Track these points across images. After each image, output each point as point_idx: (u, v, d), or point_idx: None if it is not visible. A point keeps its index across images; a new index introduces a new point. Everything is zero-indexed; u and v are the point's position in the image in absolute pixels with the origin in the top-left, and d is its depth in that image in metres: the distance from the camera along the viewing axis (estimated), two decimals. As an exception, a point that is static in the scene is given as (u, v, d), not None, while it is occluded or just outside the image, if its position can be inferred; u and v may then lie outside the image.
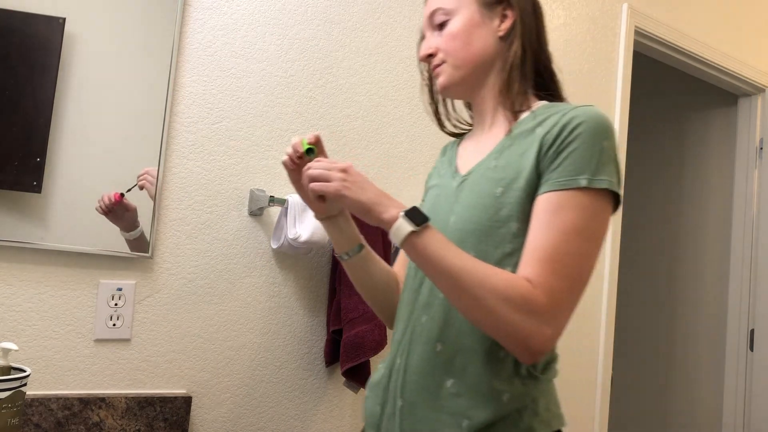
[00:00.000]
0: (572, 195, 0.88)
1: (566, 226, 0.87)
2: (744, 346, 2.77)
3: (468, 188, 0.99)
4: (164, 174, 1.38)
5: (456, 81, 1.04)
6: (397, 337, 1.03)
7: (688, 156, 3.15)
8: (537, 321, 0.84)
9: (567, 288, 0.86)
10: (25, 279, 1.23)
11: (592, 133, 0.90)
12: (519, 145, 0.97)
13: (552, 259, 0.86)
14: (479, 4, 1.03)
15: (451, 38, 1.03)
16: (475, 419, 0.90)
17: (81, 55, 1.27)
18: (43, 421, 1.22)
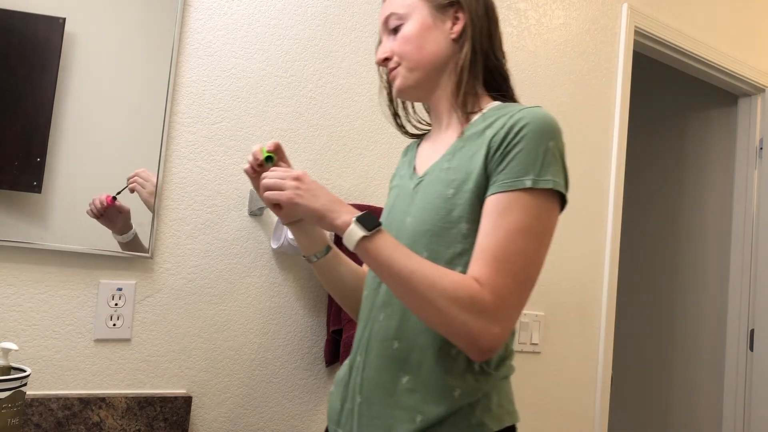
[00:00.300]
0: (518, 196, 0.91)
1: (512, 227, 0.90)
2: (744, 346, 2.77)
3: (423, 189, 1.02)
4: (164, 174, 1.38)
5: (411, 84, 1.06)
6: (358, 336, 1.06)
7: (688, 156, 3.15)
8: (485, 320, 0.87)
9: (513, 286, 0.89)
10: (25, 279, 1.23)
11: (537, 135, 0.93)
12: (470, 147, 0.99)
13: (498, 259, 0.89)
14: (431, 7, 1.05)
15: (405, 42, 1.05)
16: (428, 414, 0.93)
17: (81, 55, 1.27)
18: (43, 421, 1.22)
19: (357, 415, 0.99)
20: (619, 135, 2.26)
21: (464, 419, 0.94)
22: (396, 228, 1.04)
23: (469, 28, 1.04)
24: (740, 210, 2.86)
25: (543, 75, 2.06)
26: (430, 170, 1.04)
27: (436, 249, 0.96)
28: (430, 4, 1.05)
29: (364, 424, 0.98)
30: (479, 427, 0.94)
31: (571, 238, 2.11)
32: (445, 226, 0.96)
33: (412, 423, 0.93)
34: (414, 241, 0.99)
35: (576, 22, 2.16)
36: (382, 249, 0.89)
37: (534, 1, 2.04)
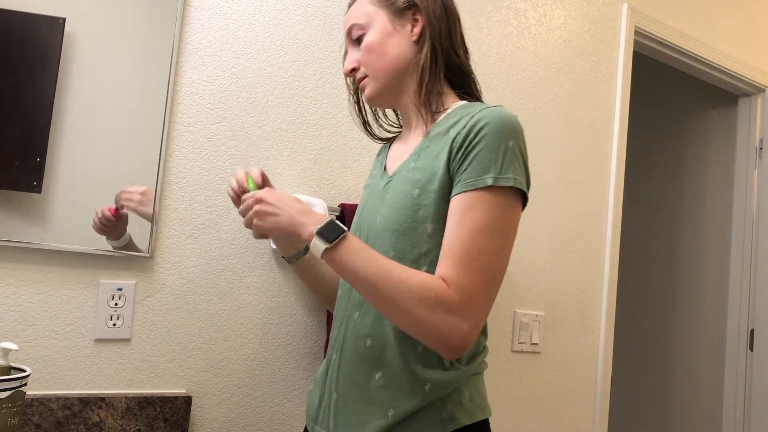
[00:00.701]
0: (480, 194, 0.93)
1: (475, 225, 0.92)
2: (744, 346, 2.77)
3: (392, 189, 1.05)
4: (164, 174, 1.38)
5: (379, 91, 1.09)
6: (334, 334, 1.09)
7: (688, 156, 3.15)
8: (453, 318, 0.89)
9: (479, 284, 0.91)
10: (25, 279, 1.23)
11: (497, 134, 0.95)
12: (434, 147, 1.01)
13: (463, 257, 0.91)
14: (389, 13, 1.08)
15: (368, 51, 1.08)
16: (400, 409, 0.96)
17: (81, 55, 1.27)
18: (43, 421, 1.22)
19: (333, 411, 1.03)
20: (619, 135, 2.26)
21: (436, 413, 0.96)
22: (367, 227, 1.07)
23: (427, 29, 1.07)
24: (740, 210, 2.86)
25: (543, 75, 2.06)
26: (398, 170, 1.07)
27: (402, 248, 0.98)
28: (388, 11, 1.08)
29: (339, 420, 1.01)
30: (450, 421, 0.97)
31: (571, 238, 2.12)
32: (411, 225, 0.98)
33: (385, 418, 0.96)
34: (382, 239, 1.01)
35: (576, 22, 2.16)
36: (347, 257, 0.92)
37: (534, 1, 2.04)
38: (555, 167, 2.08)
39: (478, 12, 1.90)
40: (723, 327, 2.86)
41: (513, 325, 1.97)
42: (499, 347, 1.94)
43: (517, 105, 1.99)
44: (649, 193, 3.28)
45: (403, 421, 0.96)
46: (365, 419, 0.98)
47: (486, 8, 1.92)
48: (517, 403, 1.97)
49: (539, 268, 2.03)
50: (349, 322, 1.05)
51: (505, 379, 1.94)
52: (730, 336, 2.82)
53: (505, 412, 1.94)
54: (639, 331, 3.22)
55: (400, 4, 1.08)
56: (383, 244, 1.01)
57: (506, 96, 1.96)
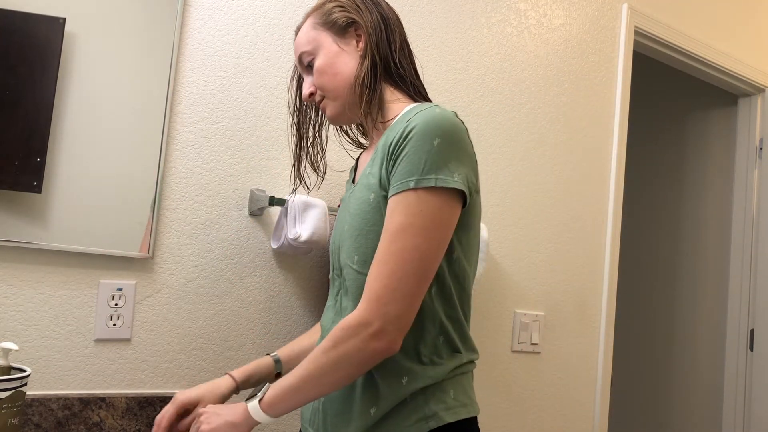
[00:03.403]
0: (401, 198, 0.95)
1: (392, 228, 0.94)
2: (744, 346, 2.77)
3: (354, 197, 1.08)
4: (164, 174, 1.38)
5: (339, 110, 1.13)
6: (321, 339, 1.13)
7: (688, 156, 3.15)
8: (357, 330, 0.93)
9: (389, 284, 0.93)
10: (26, 279, 1.23)
11: (422, 136, 0.96)
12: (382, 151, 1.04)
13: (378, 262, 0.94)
14: (332, 34, 1.12)
15: (320, 75, 1.12)
16: (381, 406, 0.99)
17: (81, 55, 1.27)
18: (44, 421, 1.22)
19: (322, 412, 1.06)
20: (619, 135, 2.26)
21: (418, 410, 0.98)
22: (339, 237, 1.10)
23: (369, 42, 1.10)
24: (740, 210, 2.86)
25: (543, 75, 2.06)
26: (360, 178, 1.09)
27: (365, 251, 1.01)
28: (331, 32, 1.12)
29: (328, 421, 1.05)
30: (433, 418, 0.98)
31: (571, 239, 2.12)
32: (370, 228, 1.01)
33: (368, 415, 0.99)
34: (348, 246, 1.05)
35: (576, 22, 2.16)
36: (280, 406, 0.97)
37: (534, 1, 2.04)
38: (555, 167, 2.08)
39: (478, 12, 1.90)
40: (723, 327, 2.87)
41: (513, 325, 1.97)
42: (499, 347, 1.94)
43: (517, 105, 1.99)
44: (649, 193, 3.28)
45: (384, 417, 0.98)
46: (350, 418, 1.01)
47: (486, 8, 1.92)
48: (517, 403, 1.97)
49: (539, 268, 2.03)
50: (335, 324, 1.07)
51: (505, 379, 1.94)
52: (730, 336, 2.82)
53: (505, 412, 1.94)
54: (639, 331, 3.22)
55: (341, 23, 1.11)
56: (348, 249, 1.05)
57: (506, 96, 1.96)
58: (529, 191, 2.01)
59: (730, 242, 2.89)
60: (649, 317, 3.19)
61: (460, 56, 1.86)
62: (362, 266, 1.02)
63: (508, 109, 1.96)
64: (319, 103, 1.15)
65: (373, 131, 1.14)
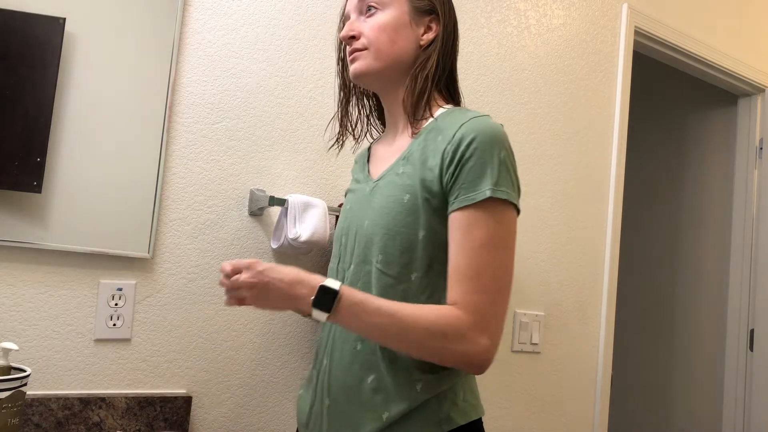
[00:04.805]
0: (477, 211, 0.94)
1: (476, 242, 0.93)
2: (744, 346, 2.77)
3: (379, 193, 1.04)
4: (164, 174, 1.38)
5: (372, 71, 1.06)
6: (324, 339, 1.08)
7: (688, 156, 3.15)
8: (469, 342, 0.91)
9: (488, 299, 0.92)
10: (25, 279, 1.23)
11: (488, 147, 0.95)
12: (423, 152, 1.01)
13: (469, 277, 0.93)
14: (411, 7, 1.07)
15: (380, 29, 1.05)
16: (394, 410, 0.96)
17: (81, 55, 1.27)
18: (43, 421, 1.22)
19: (326, 416, 1.02)
20: (619, 135, 2.26)
21: (431, 414, 0.97)
22: (355, 232, 1.06)
23: (439, 41, 1.07)
24: (740, 210, 2.86)
25: (543, 75, 2.06)
26: (385, 173, 1.06)
27: (391, 252, 0.99)
28: (410, 4, 1.06)
29: (333, 425, 1.01)
30: (446, 422, 0.97)
31: (571, 239, 2.11)
32: (400, 230, 0.98)
33: (380, 421, 0.96)
34: (371, 243, 1.01)
35: (576, 22, 2.16)
36: (350, 318, 0.92)
37: (534, 1, 2.04)
38: (554, 167, 2.08)
39: (478, 12, 1.90)
40: (723, 327, 2.86)
41: (513, 325, 1.97)
42: (499, 347, 1.94)
43: (517, 105, 1.99)
44: (649, 193, 3.28)
45: (397, 422, 0.96)
46: (359, 423, 0.98)
47: (486, 8, 1.92)
48: (517, 403, 1.97)
49: (539, 268, 2.03)
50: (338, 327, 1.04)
51: (505, 379, 1.94)
52: (730, 336, 2.82)
53: (505, 412, 1.94)
54: (639, 331, 3.22)
55: (423, 5, 1.07)
56: (369, 247, 1.01)
57: (506, 96, 1.96)
58: (529, 191, 2.01)
59: (730, 242, 2.89)
60: (649, 317, 3.19)
61: (460, 56, 1.86)
62: (386, 266, 0.99)
63: (508, 109, 1.96)
64: (355, 51, 1.06)
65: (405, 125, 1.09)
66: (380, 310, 0.92)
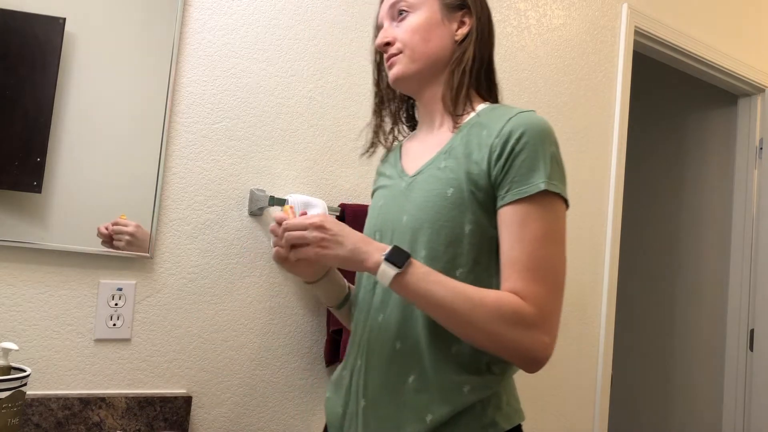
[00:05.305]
0: (533, 203, 0.93)
1: (535, 235, 0.92)
2: (744, 346, 2.77)
3: (418, 188, 1.02)
4: (164, 174, 1.38)
5: (410, 74, 1.06)
6: (356, 338, 1.05)
7: (688, 156, 3.15)
8: (534, 333, 0.89)
9: (550, 293, 0.91)
10: (25, 279, 1.23)
11: (539, 141, 0.94)
12: (466, 146, 1.00)
13: (531, 269, 0.91)
14: (441, 5, 1.06)
15: (412, 31, 1.05)
16: (438, 413, 0.93)
17: (81, 55, 1.27)
18: (43, 421, 1.22)
19: (362, 418, 0.98)
20: (619, 135, 2.26)
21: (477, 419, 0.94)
22: (391, 228, 1.04)
23: (473, 34, 1.06)
24: (740, 210, 2.86)
25: (543, 75, 2.06)
26: (424, 168, 1.04)
27: (435, 248, 0.96)
28: (441, 2, 1.06)
29: (371, 426, 0.97)
30: (492, 427, 0.94)
31: (571, 239, 2.11)
32: (444, 224, 0.96)
33: (422, 423, 0.93)
34: (414, 239, 0.98)
35: (576, 22, 2.16)
36: (417, 282, 0.90)
37: (534, 1, 2.04)
38: (555, 167, 2.08)
39: (478, 12, 1.90)
40: (723, 327, 2.86)
41: (513, 325, 1.97)
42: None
43: (517, 105, 1.99)
44: (649, 193, 3.28)
45: (442, 426, 0.93)
46: (400, 425, 0.94)
47: (486, 8, 1.92)
48: (517, 403, 1.97)
49: (539, 268, 2.03)
50: (373, 325, 1.01)
51: (505, 379, 1.94)
52: (730, 336, 2.82)
53: (505, 412, 1.94)
54: (639, 331, 3.22)
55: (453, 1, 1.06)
56: (411, 242, 0.99)
57: (506, 96, 1.96)
58: (529, 191, 2.01)
59: (730, 242, 2.89)
60: (649, 317, 3.19)
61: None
62: (431, 262, 0.96)
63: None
64: (392, 56, 1.07)
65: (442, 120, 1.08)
66: (447, 282, 0.90)
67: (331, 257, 0.93)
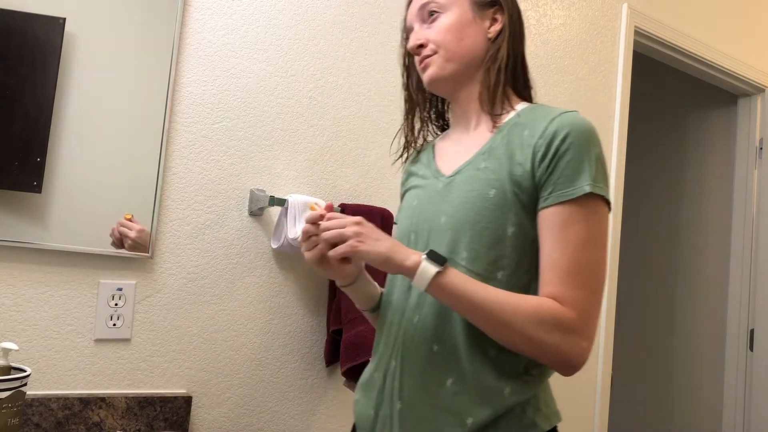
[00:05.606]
0: (577, 206, 0.91)
1: (577, 238, 0.91)
2: (744, 346, 2.77)
3: (457, 189, 1.00)
4: (164, 174, 1.38)
5: (446, 74, 1.04)
6: (389, 340, 1.03)
7: (688, 156, 3.15)
8: (572, 337, 0.89)
9: (590, 297, 0.90)
10: (25, 279, 1.23)
11: (585, 142, 0.94)
12: (508, 147, 0.98)
13: (572, 273, 0.90)
14: (471, 3, 1.05)
15: (445, 31, 1.04)
16: (479, 416, 0.92)
17: (81, 55, 1.27)
18: (44, 421, 1.22)
19: (398, 420, 0.97)
20: (619, 135, 2.26)
21: (517, 420, 0.93)
22: (428, 228, 1.02)
23: (506, 30, 1.05)
24: (740, 210, 2.86)
25: (543, 75, 2.06)
26: (462, 169, 1.02)
27: (477, 249, 0.95)
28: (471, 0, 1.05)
29: (407, 429, 0.96)
30: (532, 428, 0.94)
31: (571, 238, 2.11)
32: (486, 226, 0.95)
33: (462, 426, 0.92)
34: (453, 241, 0.97)
35: (576, 23, 2.16)
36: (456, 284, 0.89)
37: (534, 1, 2.04)
38: (555, 167, 2.08)
39: (478, 12, 1.90)
40: (723, 327, 2.86)
41: (513, 325, 1.96)
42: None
43: (517, 105, 1.99)
44: (649, 192, 3.28)
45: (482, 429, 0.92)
46: (438, 428, 0.93)
47: (486, 8, 1.92)
48: (517, 403, 1.97)
49: (539, 268, 2.03)
50: (408, 326, 1.00)
51: (505, 379, 1.94)
52: (730, 336, 2.82)
53: (505, 412, 1.94)
54: (639, 331, 3.22)
55: None
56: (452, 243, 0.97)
57: (506, 96, 1.96)
58: (529, 191, 2.01)
59: (730, 242, 2.89)
60: (649, 317, 3.19)
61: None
62: (472, 263, 0.94)
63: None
64: (425, 58, 1.05)
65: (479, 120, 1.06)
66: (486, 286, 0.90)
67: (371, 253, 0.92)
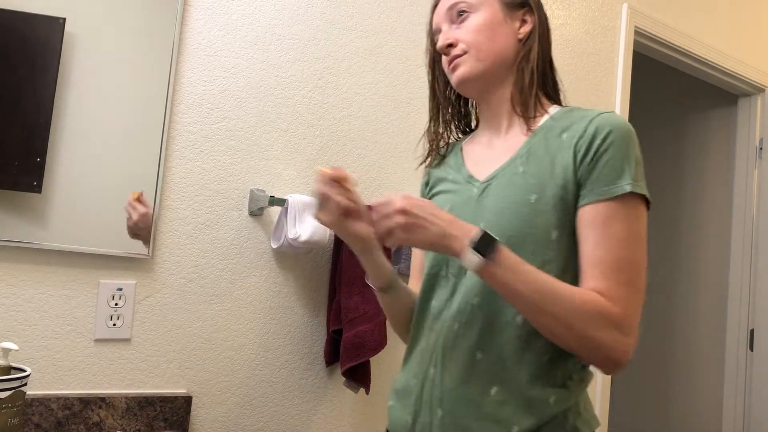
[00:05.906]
0: (618, 204, 0.91)
1: (620, 235, 0.90)
2: (744, 346, 2.77)
3: (494, 194, 0.99)
4: (164, 174, 1.38)
5: (477, 74, 1.03)
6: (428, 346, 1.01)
7: (688, 156, 3.15)
8: (617, 334, 0.88)
9: (633, 295, 0.90)
10: (26, 279, 1.23)
11: (625, 142, 0.94)
12: (546, 150, 0.97)
13: (616, 270, 0.90)
14: (501, 4, 1.04)
15: (476, 30, 1.03)
16: (524, 425, 0.91)
17: (81, 55, 1.27)
18: (44, 421, 1.22)
19: (439, 428, 0.96)
20: (619, 135, 2.25)
21: (560, 426, 0.93)
22: None
23: (536, 32, 1.04)
24: (740, 210, 2.86)
25: (543, 75, 2.06)
26: (498, 174, 1.00)
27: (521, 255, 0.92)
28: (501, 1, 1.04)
29: None
30: None
31: (571, 238, 2.11)
32: (529, 232, 0.94)
33: None
34: None
35: (576, 22, 2.16)
36: (505, 271, 0.87)
37: (534, 1, 2.04)
38: (555, 167, 2.08)
39: (478, 12, 1.90)
40: (723, 327, 2.86)
41: (513, 325, 1.96)
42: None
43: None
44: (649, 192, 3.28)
45: None
46: None
47: (486, 8, 1.92)
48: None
49: (539, 268, 2.03)
50: (449, 333, 0.98)
51: (505, 379, 1.94)
52: (730, 336, 2.82)
53: (505, 412, 1.94)
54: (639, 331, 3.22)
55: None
56: None
57: (506, 96, 1.96)
58: (529, 191, 2.01)
59: (729, 242, 2.89)
60: (649, 317, 3.19)
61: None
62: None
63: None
64: (455, 58, 1.03)
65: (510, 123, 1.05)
66: (536, 274, 0.88)
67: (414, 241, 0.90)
